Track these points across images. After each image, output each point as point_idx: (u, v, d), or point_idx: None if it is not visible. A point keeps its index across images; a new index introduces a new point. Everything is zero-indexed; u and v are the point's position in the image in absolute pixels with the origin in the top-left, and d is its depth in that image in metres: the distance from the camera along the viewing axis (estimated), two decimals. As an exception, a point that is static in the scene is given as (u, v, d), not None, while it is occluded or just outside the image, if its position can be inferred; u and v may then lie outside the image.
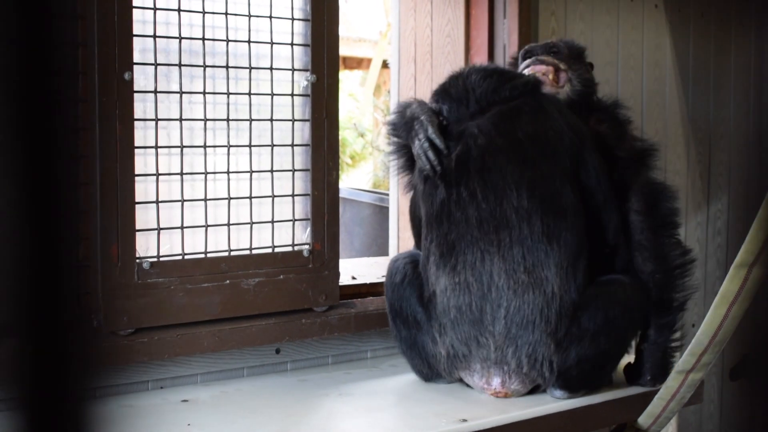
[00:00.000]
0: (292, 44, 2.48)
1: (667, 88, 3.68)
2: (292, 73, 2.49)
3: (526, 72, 2.54)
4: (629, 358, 2.44)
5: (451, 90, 2.39)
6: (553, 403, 2.26)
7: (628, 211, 2.37)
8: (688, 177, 3.78)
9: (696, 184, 3.83)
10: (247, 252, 2.42)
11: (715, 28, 3.87)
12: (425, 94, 3.19)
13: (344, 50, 8.94)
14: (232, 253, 2.39)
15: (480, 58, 3.09)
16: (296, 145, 2.50)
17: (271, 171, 2.46)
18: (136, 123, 2.21)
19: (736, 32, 3.97)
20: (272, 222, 2.46)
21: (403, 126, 2.38)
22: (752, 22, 4.04)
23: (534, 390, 2.30)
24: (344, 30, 8.80)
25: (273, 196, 2.46)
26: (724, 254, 3.96)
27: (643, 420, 2.36)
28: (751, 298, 2.07)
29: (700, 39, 3.80)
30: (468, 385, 2.33)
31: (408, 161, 2.44)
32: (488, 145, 2.26)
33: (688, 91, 3.76)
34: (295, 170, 2.50)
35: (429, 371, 2.37)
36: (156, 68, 2.26)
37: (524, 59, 2.60)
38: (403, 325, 2.37)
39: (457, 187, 2.26)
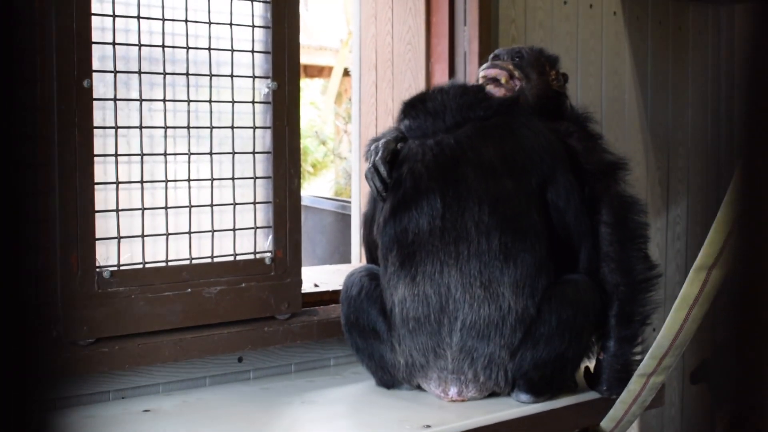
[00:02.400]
0: (252, 51, 2.47)
1: (626, 95, 3.72)
2: (253, 81, 2.48)
3: (480, 74, 2.56)
4: (591, 360, 2.45)
5: (427, 103, 2.40)
6: (516, 407, 2.27)
7: (598, 222, 2.37)
8: (648, 183, 3.82)
9: (655, 191, 3.87)
10: (209, 260, 2.41)
11: (673, 35, 3.92)
12: (386, 102, 3.20)
13: (305, 58, 8.92)
14: (194, 262, 2.38)
15: (441, 66, 3.11)
16: (257, 153, 2.49)
17: (233, 179, 2.45)
18: (95, 131, 2.19)
19: (694, 40, 4.02)
20: (234, 230, 2.45)
21: (369, 151, 2.41)
22: (709, 29, 4.09)
23: (495, 394, 2.32)
24: (305, 38, 8.79)
25: (234, 204, 2.45)
26: (684, 259, 4.00)
27: (606, 424, 2.38)
28: (710, 301, 2.09)
29: (658, 47, 3.85)
30: (431, 391, 2.35)
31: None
32: (459, 157, 2.28)
33: (646, 99, 3.81)
34: (257, 178, 2.49)
35: (390, 379, 2.37)
36: (115, 76, 2.24)
37: None
38: (360, 336, 2.38)
39: (426, 196, 2.26)
